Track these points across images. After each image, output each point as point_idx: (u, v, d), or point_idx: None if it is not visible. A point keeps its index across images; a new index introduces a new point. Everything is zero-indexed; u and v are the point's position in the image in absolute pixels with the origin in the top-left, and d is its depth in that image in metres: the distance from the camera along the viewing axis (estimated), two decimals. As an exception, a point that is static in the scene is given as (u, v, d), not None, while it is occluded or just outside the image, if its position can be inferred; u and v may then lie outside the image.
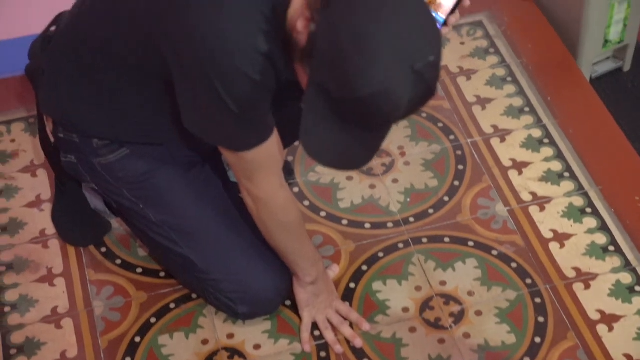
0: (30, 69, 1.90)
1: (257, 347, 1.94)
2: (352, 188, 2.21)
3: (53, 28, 1.89)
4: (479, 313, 1.98)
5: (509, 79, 2.44)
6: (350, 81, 1.44)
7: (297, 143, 2.24)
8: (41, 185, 2.23)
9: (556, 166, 2.24)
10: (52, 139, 1.94)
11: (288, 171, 2.19)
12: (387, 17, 1.45)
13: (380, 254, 2.09)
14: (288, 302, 1.99)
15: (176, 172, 1.89)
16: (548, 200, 2.17)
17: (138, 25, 1.66)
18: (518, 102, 2.38)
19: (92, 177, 1.90)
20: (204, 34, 1.56)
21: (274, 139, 1.71)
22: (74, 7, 1.82)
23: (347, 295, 2.01)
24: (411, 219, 2.15)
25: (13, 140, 2.32)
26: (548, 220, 2.13)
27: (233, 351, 1.94)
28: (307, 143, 1.52)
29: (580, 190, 2.19)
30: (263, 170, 1.73)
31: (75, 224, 2.11)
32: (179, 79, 1.64)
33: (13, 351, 1.95)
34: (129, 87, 1.76)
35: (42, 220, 2.16)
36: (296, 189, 2.20)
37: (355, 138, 1.52)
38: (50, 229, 2.14)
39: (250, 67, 1.57)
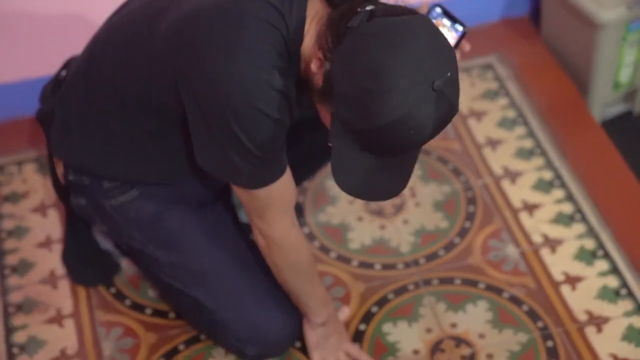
0: (41, 113, 1.90)
1: (266, 389, 1.93)
2: (362, 229, 2.21)
3: (64, 72, 1.90)
4: (490, 356, 1.96)
5: (520, 120, 2.44)
6: (373, 113, 1.45)
7: (306, 183, 2.25)
8: (51, 225, 2.23)
9: (567, 208, 2.23)
10: (62, 182, 1.94)
11: (298, 212, 2.19)
12: (400, 44, 1.45)
13: (391, 296, 2.07)
14: (298, 344, 1.97)
15: (186, 212, 1.89)
16: (559, 242, 2.16)
17: (152, 67, 1.66)
18: (528, 143, 2.38)
19: (102, 219, 1.90)
20: (219, 73, 1.56)
21: (287, 177, 1.70)
22: (84, 51, 1.83)
23: (358, 337, 2.00)
24: (422, 260, 2.14)
25: (24, 181, 2.33)
26: (559, 263, 2.12)
27: (242, 393, 1.93)
28: (340, 178, 1.52)
29: (591, 232, 2.18)
30: (275, 208, 1.72)
31: (85, 263, 2.11)
32: (192, 116, 1.64)
33: (21, 392, 1.94)
34: (142, 127, 1.76)
35: (52, 260, 2.16)
36: (306, 230, 2.20)
37: (386, 167, 1.52)
38: (60, 270, 2.14)
39: (266, 104, 1.57)
